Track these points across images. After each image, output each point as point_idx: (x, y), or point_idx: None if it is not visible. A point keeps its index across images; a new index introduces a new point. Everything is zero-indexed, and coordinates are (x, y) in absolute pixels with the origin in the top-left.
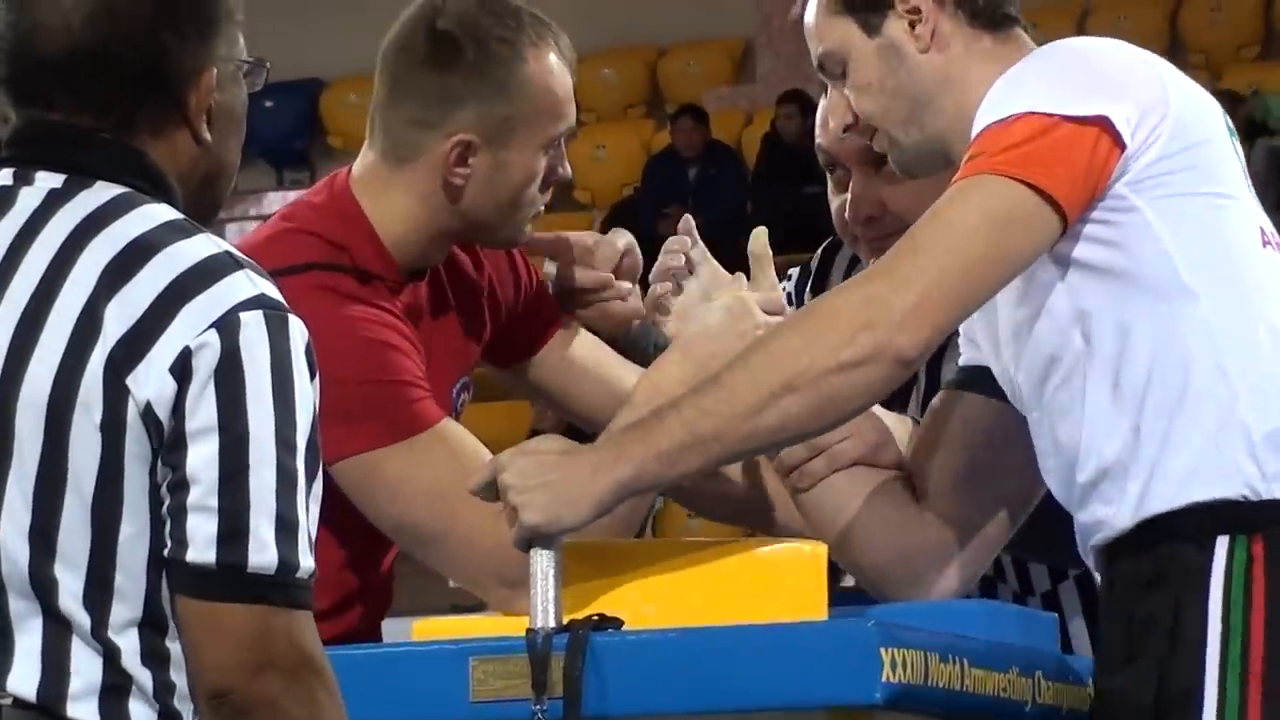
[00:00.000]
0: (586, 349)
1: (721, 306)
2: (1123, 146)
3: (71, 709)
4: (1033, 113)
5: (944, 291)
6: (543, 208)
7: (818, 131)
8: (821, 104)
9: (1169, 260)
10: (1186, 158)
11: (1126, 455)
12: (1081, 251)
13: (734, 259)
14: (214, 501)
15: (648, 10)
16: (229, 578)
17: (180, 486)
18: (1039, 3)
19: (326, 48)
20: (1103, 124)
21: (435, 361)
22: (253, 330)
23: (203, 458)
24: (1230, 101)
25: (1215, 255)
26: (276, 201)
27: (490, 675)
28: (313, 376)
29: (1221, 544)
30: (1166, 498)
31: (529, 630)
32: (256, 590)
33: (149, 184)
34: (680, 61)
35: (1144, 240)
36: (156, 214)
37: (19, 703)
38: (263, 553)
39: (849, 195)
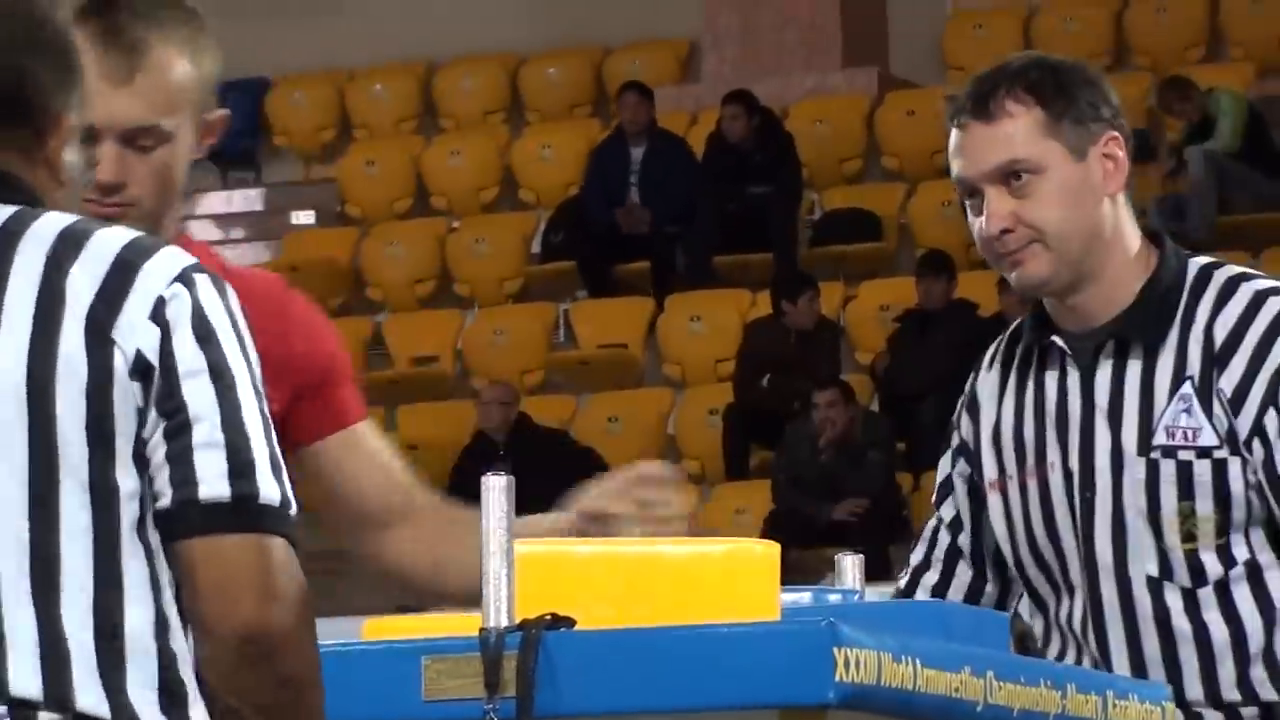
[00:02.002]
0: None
1: None
2: None
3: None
4: None
5: None
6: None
7: (959, 164)
8: (958, 143)
9: None
10: None
11: None
12: None
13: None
14: (220, 437)
15: (592, 10)
16: (242, 509)
17: (183, 428)
18: (990, 4)
19: (272, 47)
20: None
21: None
22: (207, 289)
23: (204, 397)
24: (1179, 90)
25: None
26: (221, 201)
27: (442, 674)
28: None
29: None
30: None
31: (482, 629)
32: (267, 521)
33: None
34: (625, 61)
35: None
36: (68, 217)
37: (23, 702)
38: (268, 485)
39: (986, 212)
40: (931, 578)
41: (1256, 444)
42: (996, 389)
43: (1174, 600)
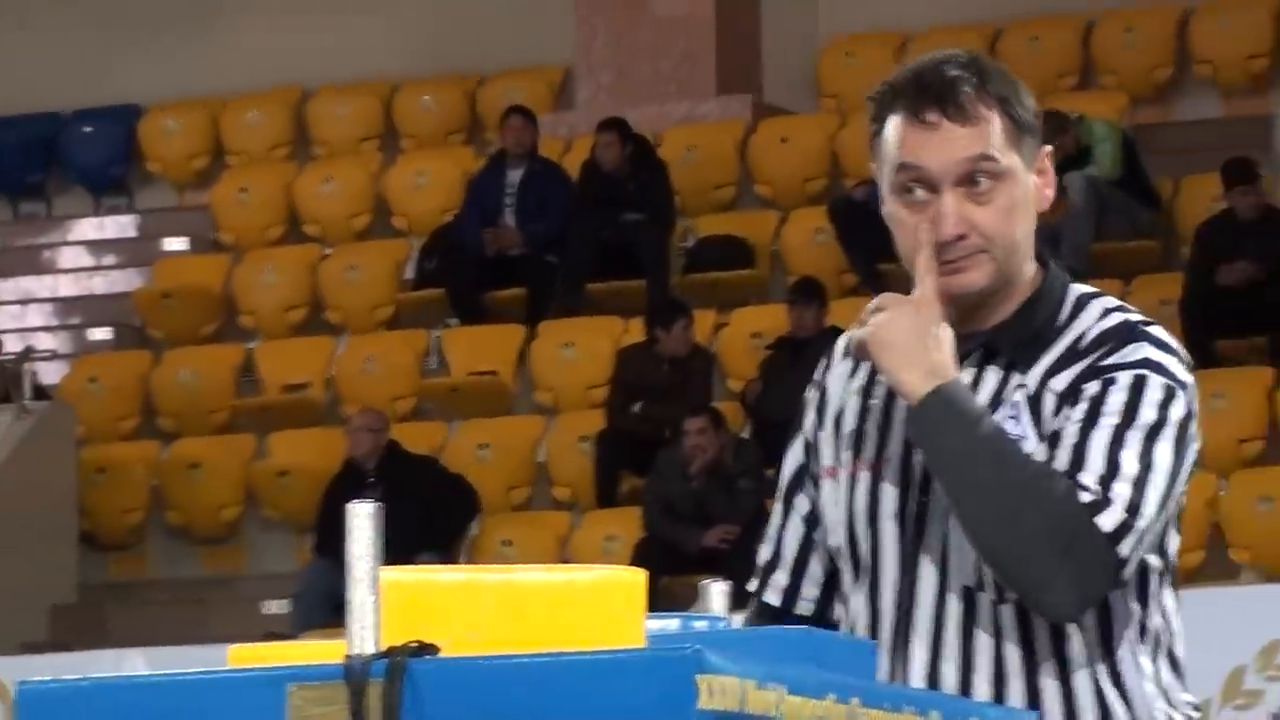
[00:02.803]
0: None
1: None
2: None
3: None
4: None
5: None
6: None
7: (913, 155)
8: (917, 138)
9: None
10: None
11: None
12: None
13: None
14: None
15: (467, 38)
16: None
17: None
18: (863, 31)
19: (145, 74)
20: None
21: None
22: None
23: None
24: (1057, 124)
25: None
26: (93, 228)
27: (308, 702)
28: None
29: None
30: None
31: (347, 656)
32: None
33: None
34: (500, 89)
35: None
36: None
37: None
38: None
39: (941, 211)
40: (781, 578)
41: (1064, 408)
42: (846, 375)
43: (984, 614)
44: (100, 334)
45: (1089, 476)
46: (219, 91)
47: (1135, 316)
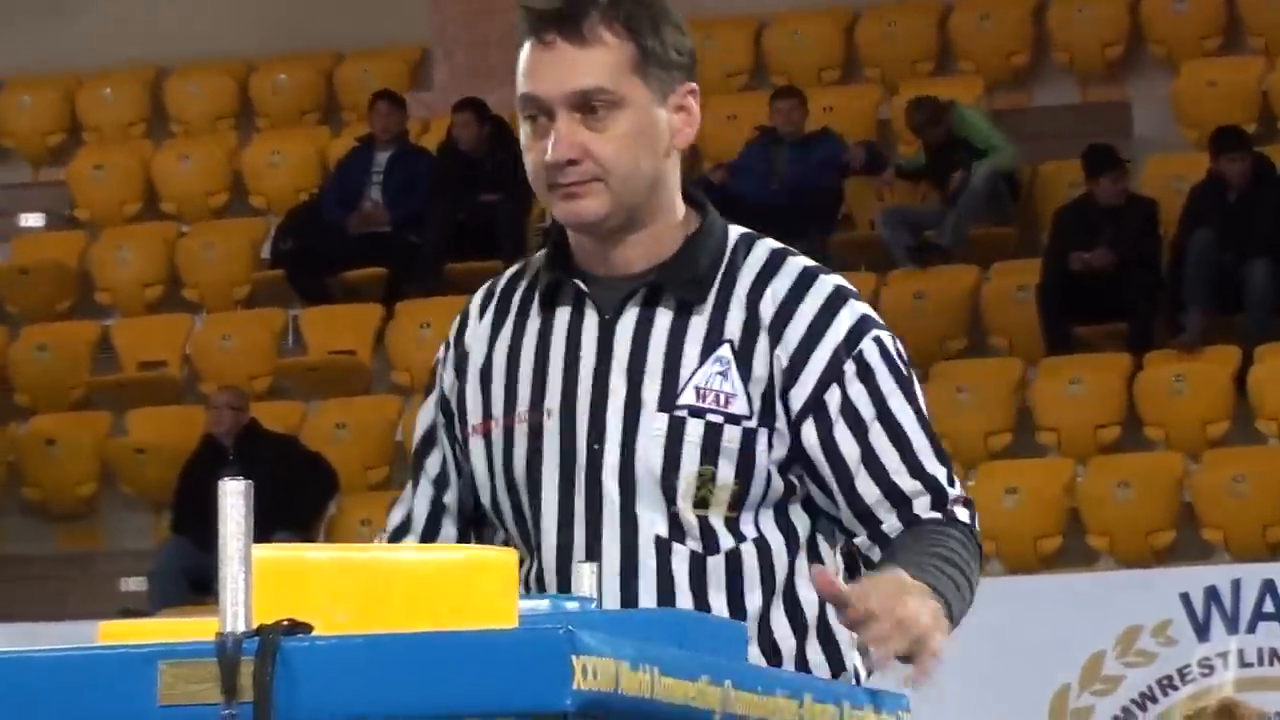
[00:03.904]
0: None
1: None
2: None
3: None
4: None
5: None
6: None
7: (530, 83)
8: (536, 60)
9: None
10: None
11: None
12: None
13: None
14: None
15: (322, 16)
16: None
17: None
18: (723, 15)
19: (1, 47)
20: None
21: None
22: None
23: None
24: (930, 113)
25: None
26: None
27: (179, 679)
28: None
29: None
30: None
31: (219, 634)
32: None
33: None
34: (356, 68)
35: None
36: None
37: None
38: None
39: (553, 137)
40: (411, 541)
41: (810, 420)
42: (489, 331)
43: (680, 564)
44: None
45: (923, 508)
46: (75, 67)
47: (807, 262)
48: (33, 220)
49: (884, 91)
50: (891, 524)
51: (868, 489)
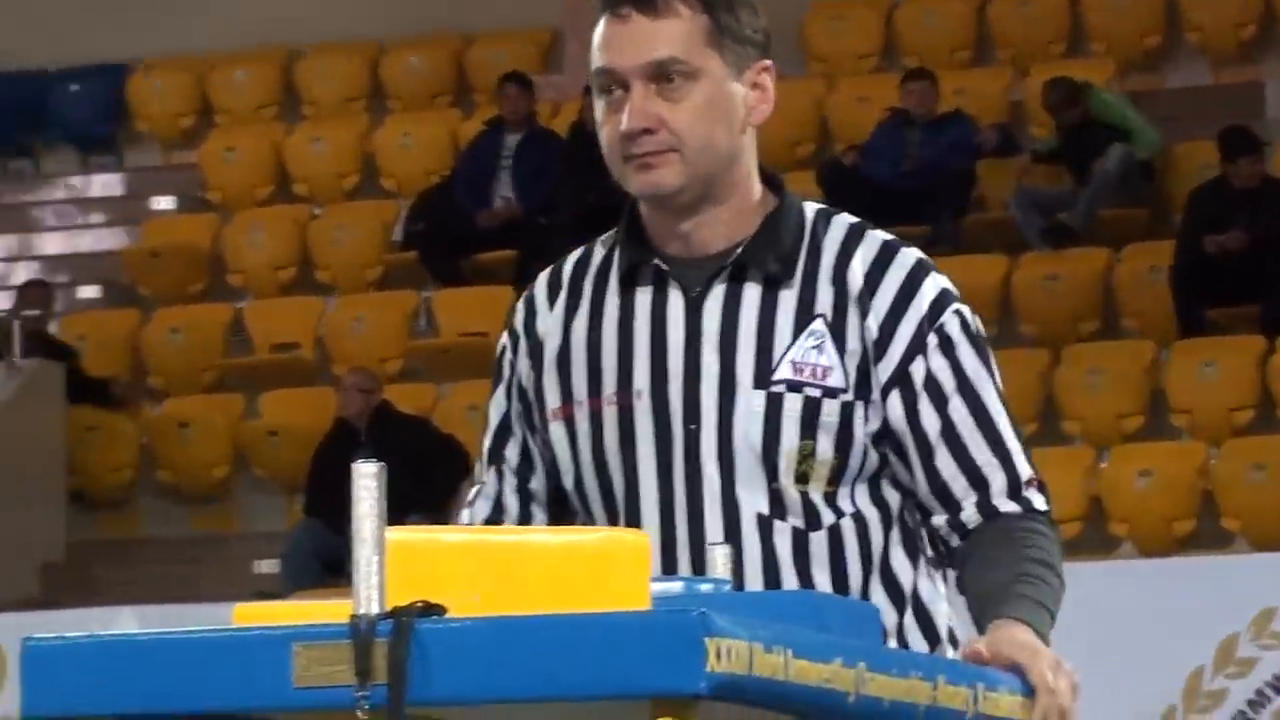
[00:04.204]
0: None
1: None
2: None
3: None
4: None
5: None
6: None
7: (604, 56)
8: (611, 34)
9: None
10: None
11: None
12: None
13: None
14: None
15: None
16: None
17: None
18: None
19: (134, 32)
20: None
21: None
22: None
23: None
24: (1068, 95)
25: None
26: (81, 186)
27: (314, 661)
28: None
29: None
30: None
31: (353, 616)
32: None
33: None
34: (487, 50)
35: None
36: None
37: None
38: None
39: (628, 108)
40: None
41: (896, 393)
42: (563, 315)
43: (783, 541)
44: (89, 292)
45: (999, 493)
46: (207, 50)
47: (886, 235)
48: (165, 203)
49: (1015, 73)
50: (969, 513)
51: (946, 464)
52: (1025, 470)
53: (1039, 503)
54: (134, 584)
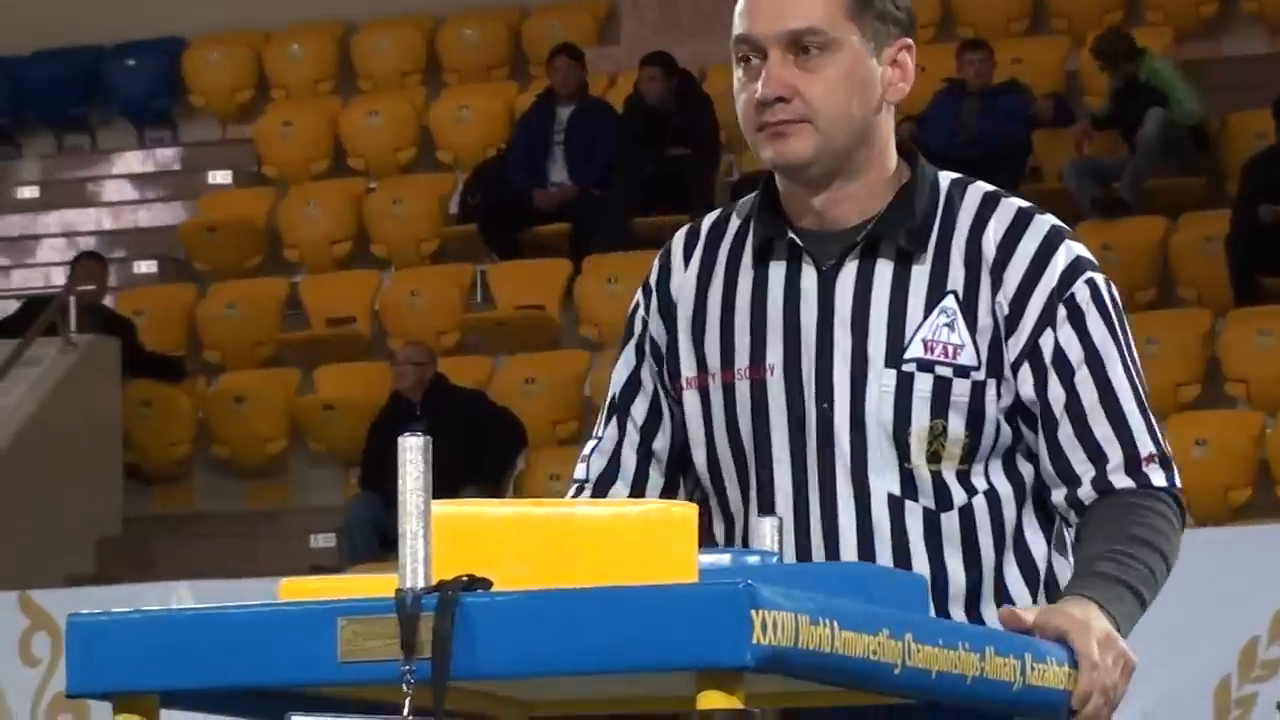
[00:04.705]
0: None
1: None
2: None
3: None
4: None
5: None
6: None
7: (745, 23)
8: (752, 1)
9: None
10: None
11: None
12: None
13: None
14: None
15: None
16: None
17: None
18: None
19: (188, 7)
20: None
21: None
22: None
23: None
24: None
25: None
26: (137, 161)
27: (359, 635)
28: None
29: None
30: None
31: (398, 590)
32: None
33: None
34: (543, 23)
35: None
36: None
37: None
38: None
39: (764, 76)
40: (621, 490)
41: (1026, 367)
42: (696, 280)
43: (914, 522)
44: (145, 267)
45: (1116, 469)
46: (262, 24)
47: (1022, 202)
48: (221, 178)
49: (1072, 43)
50: (1086, 489)
51: (1067, 438)
52: (1146, 445)
53: (1158, 479)
54: (191, 559)
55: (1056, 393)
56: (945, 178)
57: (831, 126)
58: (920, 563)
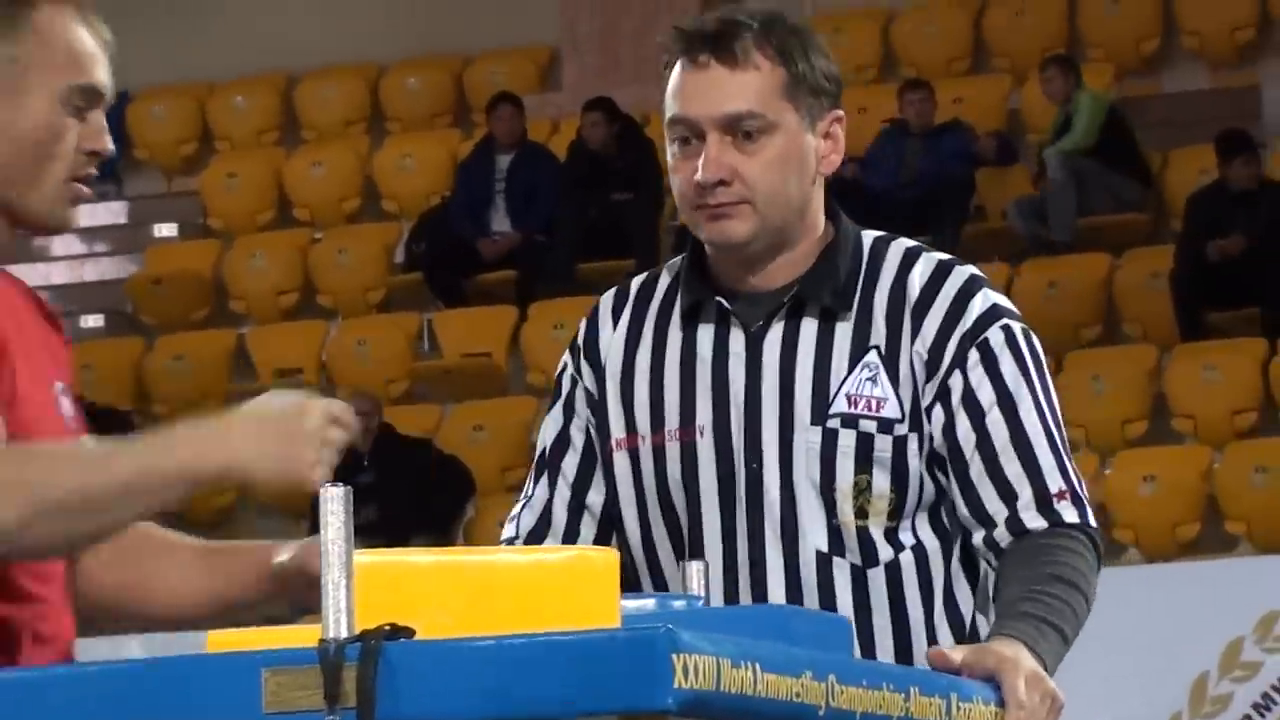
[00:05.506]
0: None
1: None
2: None
3: None
4: None
5: None
6: (85, 190)
7: (681, 104)
8: (688, 81)
9: None
10: None
11: None
12: None
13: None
14: None
15: (452, 18)
16: None
17: None
18: (848, 8)
19: (132, 60)
20: None
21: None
22: None
23: None
24: (1064, 65)
25: None
26: (83, 215)
27: (283, 686)
28: None
29: None
30: None
31: (321, 640)
32: None
33: None
34: (485, 70)
35: None
36: None
37: None
38: None
39: (703, 158)
40: (552, 544)
41: (938, 407)
42: (624, 342)
43: (841, 577)
44: (92, 321)
45: (1027, 506)
46: (206, 77)
47: (942, 255)
48: (166, 230)
49: (1013, 81)
50: (1001, 532)
51: (979, 474)
52: (1057, 482)
53: (1070, 515)
54: None
55: (966, 433)
56: (868, 236)
57: (769, 205)
58: (846, 615)
